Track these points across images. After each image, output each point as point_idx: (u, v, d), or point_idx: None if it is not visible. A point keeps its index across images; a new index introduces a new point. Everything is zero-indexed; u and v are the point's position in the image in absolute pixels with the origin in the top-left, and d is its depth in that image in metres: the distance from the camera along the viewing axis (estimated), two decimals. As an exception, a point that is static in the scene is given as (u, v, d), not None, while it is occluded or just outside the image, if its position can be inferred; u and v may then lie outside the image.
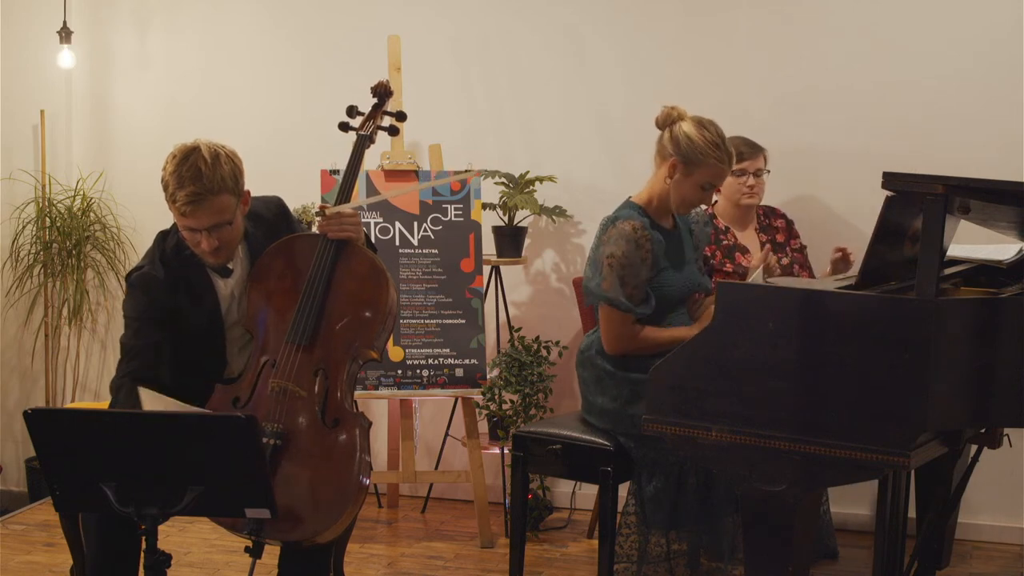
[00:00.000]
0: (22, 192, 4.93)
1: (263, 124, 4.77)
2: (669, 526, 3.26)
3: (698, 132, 3.16)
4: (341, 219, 2.93)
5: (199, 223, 2.78)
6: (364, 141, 3.19)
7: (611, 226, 3.21)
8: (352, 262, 2.95)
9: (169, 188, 2.77)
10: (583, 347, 3.38)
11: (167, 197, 2.79)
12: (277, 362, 2.87)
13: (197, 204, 2.75)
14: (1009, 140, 4.03)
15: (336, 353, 2.89)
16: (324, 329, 2.89)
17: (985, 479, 3.87)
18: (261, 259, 2.97)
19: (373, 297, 2.93)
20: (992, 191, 2.66)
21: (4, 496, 4.93)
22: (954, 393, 2.55)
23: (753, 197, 3.95)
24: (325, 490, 2.74)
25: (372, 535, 4.29)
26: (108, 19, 5.01)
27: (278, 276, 2.95)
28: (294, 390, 2.82)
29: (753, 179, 3.93)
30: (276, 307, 2.93)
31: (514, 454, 3.40)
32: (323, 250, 2.92)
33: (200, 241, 2.82)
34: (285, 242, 3.00)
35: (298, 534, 2.70)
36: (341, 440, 2.80)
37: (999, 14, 4.08)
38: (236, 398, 2.88)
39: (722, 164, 3.16)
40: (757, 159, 3.94)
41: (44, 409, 2.34)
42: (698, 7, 4.40)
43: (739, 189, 3.92)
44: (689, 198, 3.21)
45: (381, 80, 3.28)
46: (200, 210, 2.76)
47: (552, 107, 4.57)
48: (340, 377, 2.87)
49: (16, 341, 4.99)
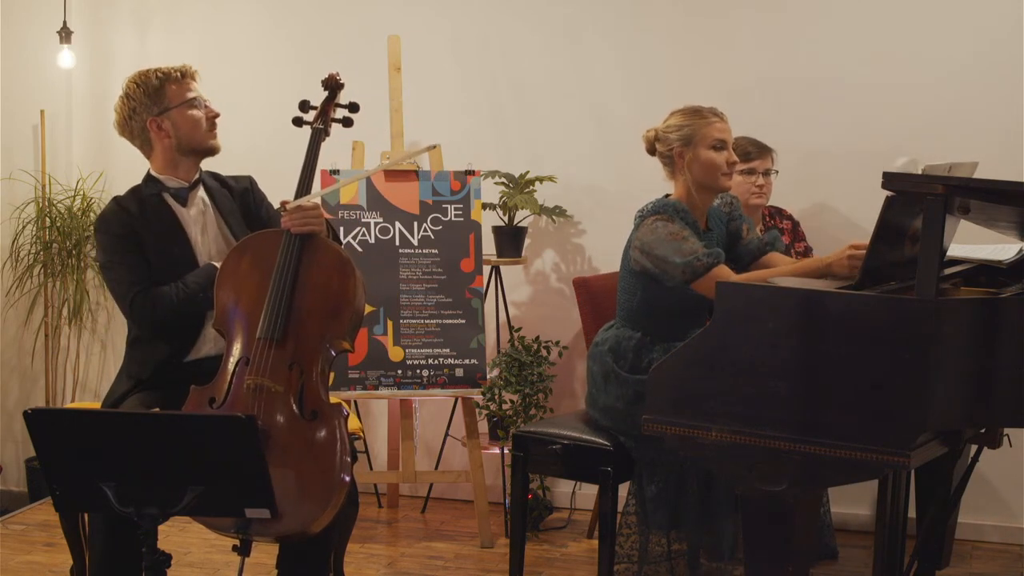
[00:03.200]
0: (22, 192, 4.93)
1: (263, 124, 4.76)
2: (669, 526, 3.26)
3: (676, 115, 3.29)
4: (303, 213, 2.96)
5: (199, 89, 3.13)
6: (319, 134, 3.23)
7: (641, 222, 3.24)
8: (317, 255, 2.96)
9: (162, 75, 3.08)
10: (598, 340, 3.37)
11: (165, 82, 3.08)
12: (250, 359, 2.87)
13: (191, 74, 3.13)
14: (1009, 140, 4.03)
15: (309, 346, 2.89)
16: (295, 323, 2.90)
17: (985, 479, 3.87)
18: (227, 257, 3.00)
19: (341, 288, 2.95)
20: (992, 191, 2.66)
21: (4, 496, 4.93)
22: (954, 393, 2.55)
23: (761, 197, 3.96)
24: (311, 484, 2.74)
25: (372, 535, 4.29)
26: (108, 19, 5.01)
27: (245, 274, 2.97)
28: (270, 386, 2.83)
29: (762, 179, 3.93)
30: (245, 304, 2.94)
31: (514, 454, 3.40)
32: (288, 245, 2.95)
33: (207, 105, 3.13)
34: (250, 239, 3.04)
35: (285, 529, 2.69)
36: (321, 433, 2.80)
37: (999, 14, 4.08)
38: (212, 398, 2.87)
39: (711, 119, 3.24)
40: (765, 159, 3.95)
41: (44, 409, 2.34)
42: (698, 7, 4.40)
43: (748, 189, 3.92)
44: (711, 167, 3.23)
45: (331, 73, 3.30)
46: (195, 76, 3.14)
47: (552, 107, 4.57)
48: (315, 370, 2.87)
49: (16, 341, 4.99)
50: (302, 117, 3.28)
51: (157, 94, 3.08)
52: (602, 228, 4.51)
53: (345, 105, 3.30)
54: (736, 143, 3.71)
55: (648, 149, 3.33)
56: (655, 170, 3.40)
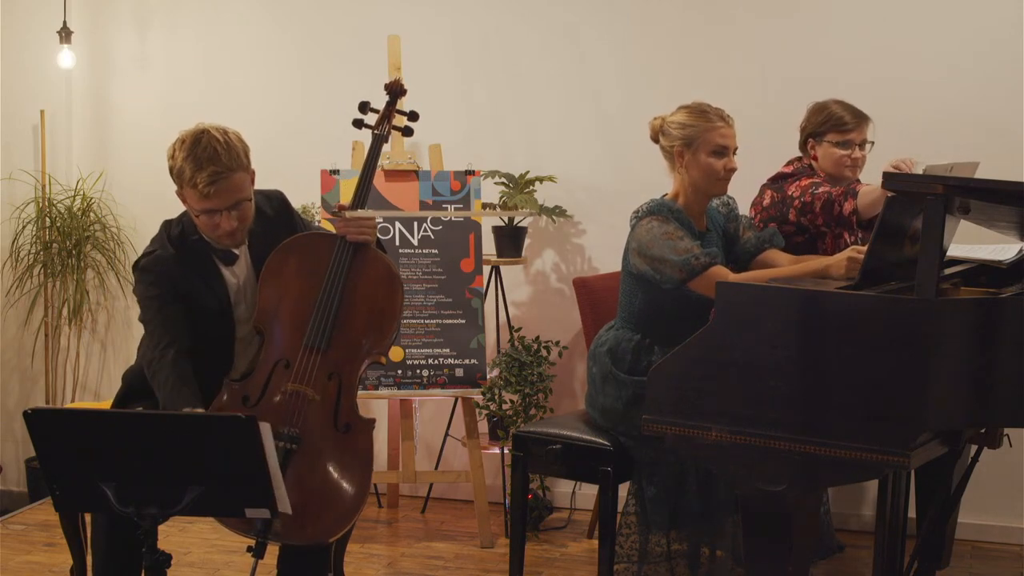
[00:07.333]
0: (22, 192, 4.93)
1: (263, 124, 4.75)
2: (669, 526, 3.26)
3: (682, 112, 3.26)
4: (361, 223, 2.92)
5: (222, 203, 2.76)
6: (380, 140, 3.17)
7: (637, 224, 3.24)
8: (368, 266, 2.94)
9: (186, 173, 2.73)
10: (598, 340, 3.37)
11: (184, 183, 2.76)
12: (293, 364, 2.84)
13: (218, 184, 2.73)
14: (1009, 140, 4.03)
15: (351, 357, 2.88)
16: (341, 333, 2.87)
17: (985, 479, 3.87)
18: (274, 255, 2.93)
19: (388, 302, 2.94)
20: (992, 191, 2.66)
21: (4, 496, 4.93)
22: (954, 393, 2.55)
23: (855, 170, 3.67)
24: (340, 496, 2.74)
25: (372, 535, 4.29)
26: (108, 19, 5.01)
27: (292, 274, 2.92)
28: (308, 394, 2.82)
29: (858, 151, 3.62)
30: (290, 306, 2.90)
31: (514, 454, 3.40)
32: (341, 252, 2.91)
33: (220, 223, 2.79)
34: (300, 240, 2.97)
35: (307, 537, 2.70)
36: (353, 447, 2.80)
37: (999, 14, 4.08)
38: (246, 396, 2.85)
39: (716, 123, 3.21)
40: (863, 129, 3.64)
41: (44, 409, 2.34)
42: (698, 7, 4.40)
43: (842, 161, 3.62)
44: (708, 172, 3.22)
45: (396, 78, 3.28)
46: (221, 190, 2.74)
47: (552, 107, 4.57)
48: (353, 382, 2.86)
49: (16, 341, 4.99)
50: (363, 119, 3.24)
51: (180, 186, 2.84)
52: (602, 228, 4.51)
53: (406, 113, 3.27)
54: (830, 111, 3.64)
55: (652, 137, 3.32)
56: (655, 170, 3.40)
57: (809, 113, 3.72)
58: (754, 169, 3.71)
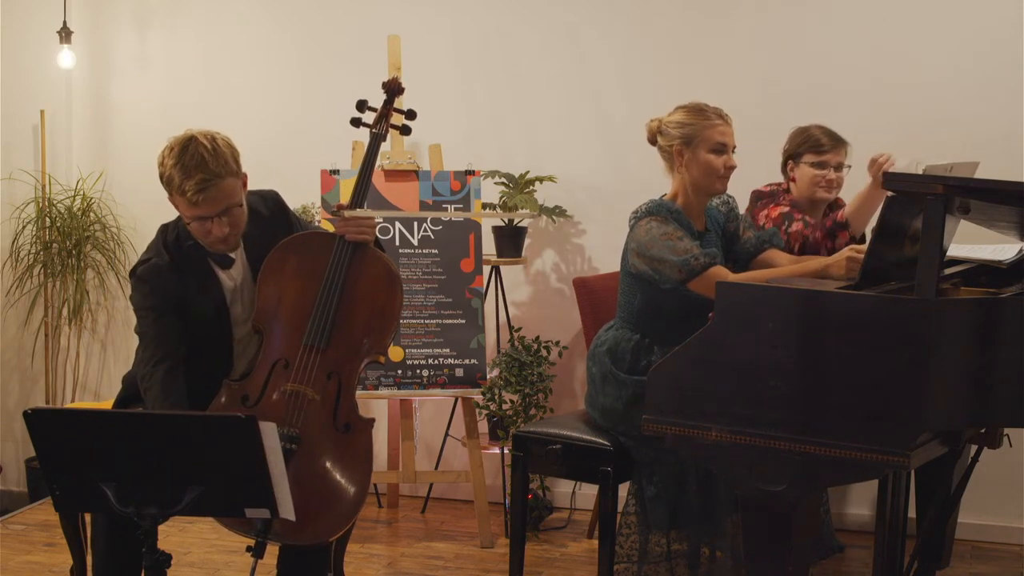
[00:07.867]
0: (22, 192, 4.93)
1: (263, 124, 4.77)
2: (669, 526, 3.26)
3: (680, 112, 3.26)
4: (360, 222, 2.92)
5: (211, 210, 2.75)
6: (378, 139, 3.18)
7: (636, 224, 3.24)
8: (367, 265, 2.94)
9: (175, 180, 2.73)
10: (597, 340, 3.37)
11: (173, 190, 2.75)
12: (292, 364, 2.85)
13: (207, 191, 2.72)
14: (1009, 140, 4.03)
15: (350, 356, 2.88)
16: (340, 332, 2.88)
17: (985, 479, 3.87)
18: (273, 253, 2.93)
19: (387, 301, 2.94)
20: (992, 191, 2.66)
21: (4, 496, 4.93)
22: (954, 393, 2.55)
23: (829, 192, 3.72)
24: (340, 496, 2.74)
25: (372, 535, 4.29)
26: (108, 19, 5.01)
27: (292, 274, 2.92)
28: (308, 393, 2.81)
29: (833, 173, 3.71)
30: (289, 305, 2.90)
31: (514, 454, 3.40)
32: (340, 251, 2.91)
33: (211, 229, 2.79)
34: (299, 239, 2.97)
35: (307, 537, 2.70)
36: (353, 446, 2.81)
37: (999, 14, 4.08)
38: (245, 396, 2.85)
39: (714, 121, 3.21)
40: (839, 152, 3.71)
41: (44, 409, 2.34)
42: (698, 7, 4.40)
43: (816, 181, 3.69)
44: (708, 170, 3.21)
45: (394, 76, 3.28)
46: (211, 197, 2.73)
47: (552, 107, 4.57)
48: (352, 382, 2.87)
49: (16, 341, 4.99)
50: (360, 118, 3.23)
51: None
52: (602, 228, 4.51)
53: (404, 111, 3.27)
54: (809, 133, 3.72)
55: (649, 139, 3.32)
56: (655, 170, 3.40)
57: (790, 136, 3.80)
58: (753, 169, 3.71)
